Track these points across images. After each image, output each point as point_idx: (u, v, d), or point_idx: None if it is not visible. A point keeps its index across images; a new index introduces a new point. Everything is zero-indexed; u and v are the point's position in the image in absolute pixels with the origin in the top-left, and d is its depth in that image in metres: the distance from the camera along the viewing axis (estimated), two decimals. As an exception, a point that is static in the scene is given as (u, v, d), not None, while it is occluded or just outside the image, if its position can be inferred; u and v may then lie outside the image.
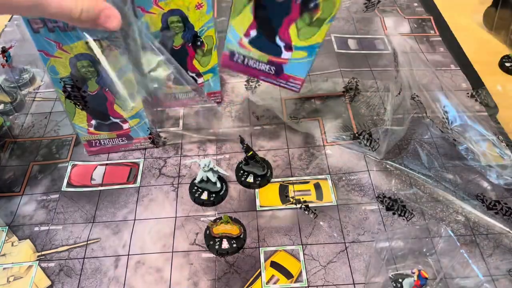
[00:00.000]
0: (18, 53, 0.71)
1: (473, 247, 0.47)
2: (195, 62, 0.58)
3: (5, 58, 0.66)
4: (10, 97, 0.64)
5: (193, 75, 0.58)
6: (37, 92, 0.68)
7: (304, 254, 0.47)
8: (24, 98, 0.66)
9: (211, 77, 0.60)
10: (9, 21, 0.81)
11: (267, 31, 0.45)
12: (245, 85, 0.66)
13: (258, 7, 0.43)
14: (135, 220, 0.51)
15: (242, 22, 0.45)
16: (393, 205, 0.51)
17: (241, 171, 0.54)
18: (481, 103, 0.62)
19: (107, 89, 0.50)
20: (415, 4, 0.81)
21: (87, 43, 0.45)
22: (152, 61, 0.49)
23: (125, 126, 0.54)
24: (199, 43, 0.56)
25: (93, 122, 0.53)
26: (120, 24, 0.38)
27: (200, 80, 0.58)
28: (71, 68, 0.48)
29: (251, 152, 0.52)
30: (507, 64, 0.67)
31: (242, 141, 0.52)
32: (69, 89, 0.49)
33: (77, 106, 0.51)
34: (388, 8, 0.80)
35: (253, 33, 0.45)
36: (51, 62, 0.47)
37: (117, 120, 0.54)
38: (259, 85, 0.66)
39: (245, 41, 0.46)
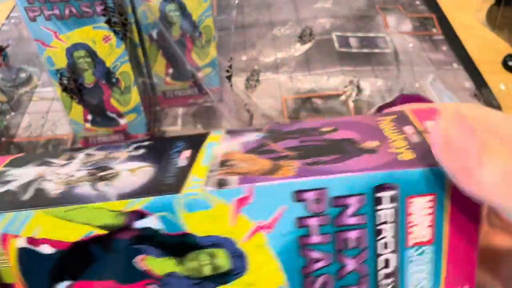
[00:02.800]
0: (15, 52, 0.71)
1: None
2: (193, 54, 0.57)
3: (1, 57, 0.65)
4: (6, 97, 0.64)
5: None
6: (34, 92, 0.67)
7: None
8: (21, 97, 0.65)
9: (210, 72, 0.59)
10: (6, 19, 0.80)
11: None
12: (245, 83, 0.65)
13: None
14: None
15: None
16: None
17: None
18: (484, 102, 0.61)
19: (103, 82, 0.50)
20: (417, 2, 0.81)
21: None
22: None
23: (122, 121, 0.54)
24: (197, 33, 0.55)
25: (89, 117, 0.53)
26: None
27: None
28: (67, 58, 0.47)
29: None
30: (511, 63, 0.66)
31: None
32: (65, 81, 0.49)
33: (73, 99, 0.51)
34: (390, 6, 0.79)
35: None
36: (48, 53, 0.47)
37: (114, 115, 0.53)
38: (259, 83, 0.65)
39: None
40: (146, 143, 0.23)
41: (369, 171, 0.18)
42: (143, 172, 0.21)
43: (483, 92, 0.62)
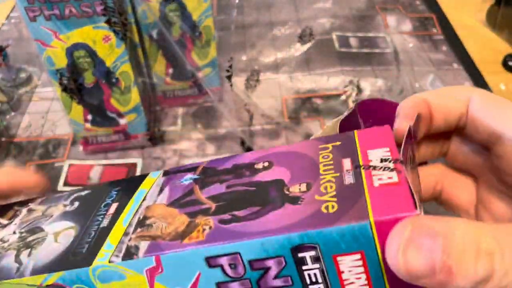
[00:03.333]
0: (15, 52, 0.71)
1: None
2: (193, 54, 0.57)
3: (1, 57, 0.65)
4: (6, 97, 0.64)
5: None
6: (34, 92, 0.67)
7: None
8: (21, 97, 0.65)
9: (210, 72, 0.59)
10: (6, 19, 0.80)
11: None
12: (245, 83, 0.65)
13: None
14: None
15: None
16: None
17: (241, 172, 0.53)
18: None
19: (103, 81, 0.50)
20: (418, 2, 0.81)
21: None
22: None
23: (122, 121, 0.54)
24: (197, 33, 0.55)
25: (89, 117, 0.53)
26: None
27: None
28: (67, 58, 0.47)
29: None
30: (511, 63, 0.66)
31: (243, 142, 0.51)
32: (65, 81, 0.49)
33: (73, 99, 0.51)
34: (390, 6, 0.79)
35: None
36: (48, 53, 0.47)
37: (114, 115, 0.53)
38: (259, 83, 0.65)
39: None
40: (84, 193, 0.24)
41: (284, 231, 0.17)
42: (65, 236, 0.21)
43: (483, 92, 0.62)
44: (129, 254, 0.19)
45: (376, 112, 0.24)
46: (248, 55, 0.70)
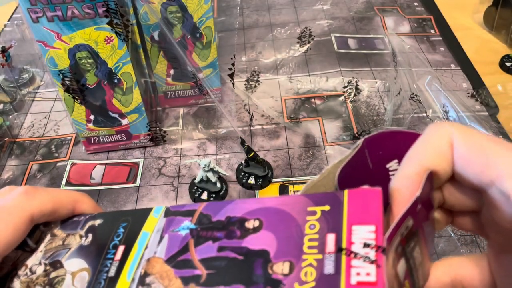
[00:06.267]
0: (17, 53, 0.71)
1: (473, 247, 0.47)
2: (194, 55, 0.58)
3: (4, 57, 0.66)
4: (9, 97, 0.64)
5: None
6: (36, 92, 0.68)
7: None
8: (23, 97, 0.66)
9: (211, 73, 0.60)
10: (8, 20, 0.81)
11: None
12: (245, 84, 0.66)
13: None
14: (134, 220, 0.51)
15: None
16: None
17: (242, 173, 0.54)
18: (481, 103, 0.62)
19: (105, 82, 0.50)
20: (416, 4, 0.81)
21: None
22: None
23: (124, 121, 0.54)
24: (198, 34, 0.56)
25: (92, 117, 0.53)
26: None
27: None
28: (70, 59, 0.48)
29: (252, 154, 0.52)
30: (508, 64, 0.67)
31: (243, 142, 0.52)
32: (67, 82, 0.49)
33: (75, 100, 0.51)
34: (389, 7, 0.80)
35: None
36: (50, 54, 0.47)
37: (116, 115, 0.54)
38: (259, 84, 0.66)
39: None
40: (97, 223, 0.27)
41: None
42: (80, 280, 0.25)
43: (480, 92, 0.63)
44: None
45: (384, 147, 0.24)
46: (248, 56, 0.71)
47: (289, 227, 0.21)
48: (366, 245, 0.19)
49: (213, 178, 0.51)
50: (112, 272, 0.24)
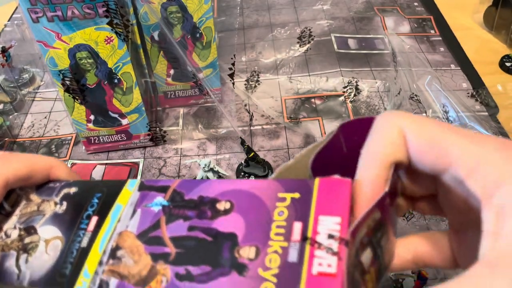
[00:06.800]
0: (18, 53, 0.71)
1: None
2: (194, 55, 0.58)
3: (4, 57, 0.66)
4: (10, 97, 0.64)
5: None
6: (36, 92, 0.68)
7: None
8: (23, 98, 0.66)
9: (211, 73, 0.60)
10: (8, 20, 0.81)
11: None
12: (245, 84, 0.66)
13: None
14: (134, 220, 0.51)
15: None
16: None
17: (242, 173, 0.54)
18: (481, 103, 0.62)
19: (105, 82, 0.50)
20: (415, 4, 0.81)
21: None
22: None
23: (124, 121, 0.54)
24: (198, 34, 0.56)
25: (92, 117, 0.53)
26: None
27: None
28: (70, 59, 0.48)
29: (252, 153, 0.52)
30: (508, 64, 0.67)
31: (243, 142, 0.52)
32: (67, 82, 0.49)
33: (76, 100, 0.51)
34: (388, 7, 0.80)
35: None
36: (50, 54, 0.47)
37: (116, 115, 0.54)
38: (259, 84, 0.66)
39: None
40: (72, 191, 0.28)
41: None
42: (53, 248, 0.25)
43: (480, 92, 0.63)
44: None
45: (359, 133, 0.24)
46: (248, 56, 0.71)
47: (259, 212, 0.22)
48: (330, 237, 0.19)
49: (213, 178, 0.51)
50: (84, 243, 0.24)
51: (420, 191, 0.25)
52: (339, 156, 0.25)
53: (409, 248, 0.25)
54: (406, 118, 0.22)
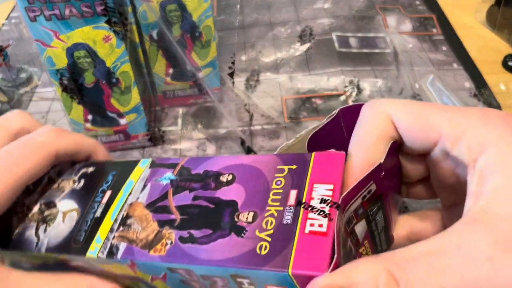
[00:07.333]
0: (15, 52, 0.71)
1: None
2: (193, 54, 0.57)
3: (2, 57, 0.65)
4: (7, 97, 0.64)
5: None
6: (34, 92, 0.67)
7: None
8: (21, 97, 0.65)
9: (211, 72, 0.59)
10: (6, 19, 0.80)
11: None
12: (245, 83, 0.65)
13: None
14: (133, 221, 0.50)
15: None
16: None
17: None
18: (484, 102, 0.61)
19: (104, 82, 0.50)
20: (417, 3, 0.81)
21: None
22: None
23: (122, 121, 0.54)
24: (197, 33, 0.55)
25: (90, 117, 0.53)
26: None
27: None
28: (67, 58, 0.47)
29: (252, 154, 0.51)
30: (510, 63, 0.67)
31: (243, 142, 0.51)
32: (65, 81, 0.49)
33: (73, 99, 0.51)
34: (390, 6, 0.80)
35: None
36: (48, 53, 0.47)
37: (114, 115, 0.53)
38: (259, 83, 0.65)
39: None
40: (89, 170, 0.30)
41: (224, 264, 0.21)
42: (70, 219, 0.28)
43: (483, 92, 0.62)
44: (111, 253, 0.25)
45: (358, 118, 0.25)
46: (248, 55, 0.71)
47: (258, 182, 0.24)
48: (323, 201, 0.21)
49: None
50: (98, 213, 0.27)
51: (413, 175, 0.26)
52: (336, 139, 0.26)
53: (404, 225, 0.26)
54: (391, 103, 0.23)
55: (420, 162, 0.24)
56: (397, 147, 0.23)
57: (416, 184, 0.26)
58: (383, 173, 0.22)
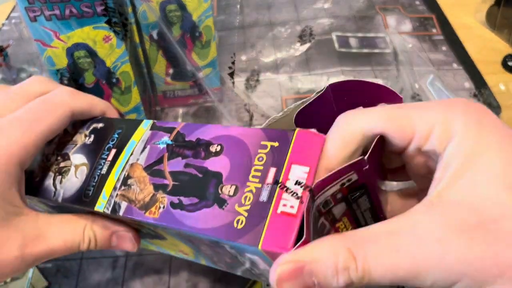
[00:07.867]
0: (15, 52, 0.71)
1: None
2: (193, 54, 0.57)
3: (2, 57, 0.65)
4: (7, 96, 0.64)
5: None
6: (34, 91, 0.67)
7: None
8: (21, 97, 0.65)
9: (211, 72, 0.59)
10: (6, 19, 0.80)
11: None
12: (245, 83, 0.65)
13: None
14: (133, 221, 0.50)
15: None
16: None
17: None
18: (484, 102, 0.61)
19: (104, 82, 0.50)
20: (417, 3, 0.81)
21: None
22: None
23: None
24: (197, 33, 0.55)
25: None
26: (136, 246, 0.33)
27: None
28: (68, 59, 0.47)
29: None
30: (510, 63, 0.67)
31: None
32: (65, 81, 0.49)
33: None
34: (390, 6, 0.80)
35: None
36: (48, 53, 0.47)
37: None
38: (259, 83, 0.66)
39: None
40: (99, 126, 0.33)
41: (206, 233, 0.23)
42: (81, 172, 0.30)
43: (482, 92, 0.62)
44: (114, 210, 0.27)
45: (350, 92, 0.27)
46: (248, 55, 0.71)
47: (243, 156, 0.25)
48: (297, 183, 0.22)
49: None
50: (104, 170, 0.29)
51: (389, 165, 0.28)
52: (324, 114, 0.27)
53: (384, 202, 0.28)
54: (363, 116, 0.24)
55: (396, 156, 0.26)
56: (383, 141, 0.25)
57: (393, 171, 0.28)
58: (367, 166, 0.23)
